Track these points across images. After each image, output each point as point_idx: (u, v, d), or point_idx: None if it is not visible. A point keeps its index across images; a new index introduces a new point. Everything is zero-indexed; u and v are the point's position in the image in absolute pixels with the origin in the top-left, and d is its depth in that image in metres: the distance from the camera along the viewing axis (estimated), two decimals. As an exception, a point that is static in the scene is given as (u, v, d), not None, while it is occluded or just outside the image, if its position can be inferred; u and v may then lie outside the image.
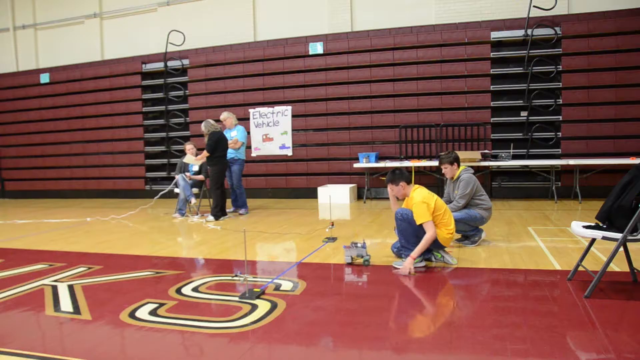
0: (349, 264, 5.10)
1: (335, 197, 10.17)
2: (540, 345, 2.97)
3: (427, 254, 4.90)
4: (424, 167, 10.41)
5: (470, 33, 10.62)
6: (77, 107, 14.26)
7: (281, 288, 4.36)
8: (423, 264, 4.85)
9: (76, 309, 4.00)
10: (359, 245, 5.08)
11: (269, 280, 4.62)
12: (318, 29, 11.98)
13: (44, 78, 14.71)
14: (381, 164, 10.51)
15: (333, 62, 11.61)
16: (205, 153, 8.62)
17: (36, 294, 4.45)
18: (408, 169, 9.96)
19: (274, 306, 3.86)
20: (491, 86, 10.60)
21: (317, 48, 11.66)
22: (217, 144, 8.61)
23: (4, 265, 5.74)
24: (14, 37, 15.61)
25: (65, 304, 4.15)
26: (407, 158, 10.91)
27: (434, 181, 10.36)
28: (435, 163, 9.83)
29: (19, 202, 13.97)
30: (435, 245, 4.87)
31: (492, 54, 10.57)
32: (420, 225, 4.73)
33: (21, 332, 3.60)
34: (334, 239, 6.45)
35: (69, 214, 10.62)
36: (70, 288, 4.60)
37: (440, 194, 5.25)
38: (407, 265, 4.63)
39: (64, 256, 6.11)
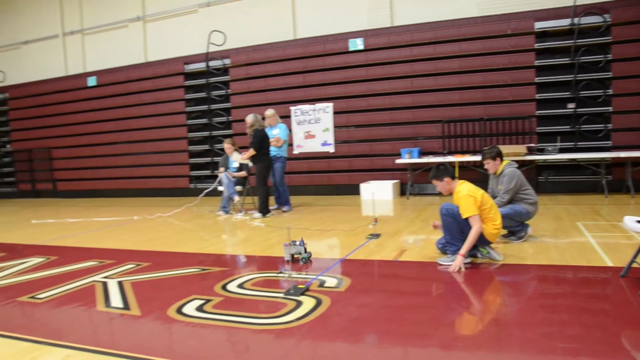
0: (289, 262, 5.11)
1: (378, 193, 10.12)
2: (592, 344, 2.88)
3: (472, 249, 4.82)
4: (468, 162, 10.24)
5: (513, 24, 10.38)
6: (122, 109, 14.62)
7: (325, 284, 4.37)
8: (469, 260, 4.77)
9: (126, 305, 4.10)
10: (297, 243, 5.23)
11: (314, 276, 4.64)
12: (358, 25, 11.92)
13: (91, 81, 15.14)
14: (424, 160, 10.40)
15: (373, 57, 11.53)
16: (251, 151, 8.70)
17: (88, 290, 4.59)
18: (451, 164, 9.83)
19: (318, 303, 3.87)
20: (536, 78, 10.32)
21: (357, 44, 11.61)
22: (262, 141, 8.69)
23: (58, 262, 5.94)
24: (63, 42, 16.12)
25: (116, 299, 4.27)
26: (451, 153, 10.76)
27: (478, 176, 10.17)
28: (479, 158, 9.65)
29: (70, 202, 14.42)
30: (481, 241, 4.79)
31: (536, 44, 10.30)
32: (466, 220, 4.66)
33: (74, 326, 3.72)
34: (377, 236, 6.42)
35: (116, 212, 10.90)
36: (120, 284, 4.72)
37: (484, 189, 5.16)
38: (456, 263, 4.56)
39: (113, 253, 6.28)
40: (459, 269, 4.54)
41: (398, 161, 10.73)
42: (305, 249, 5.28)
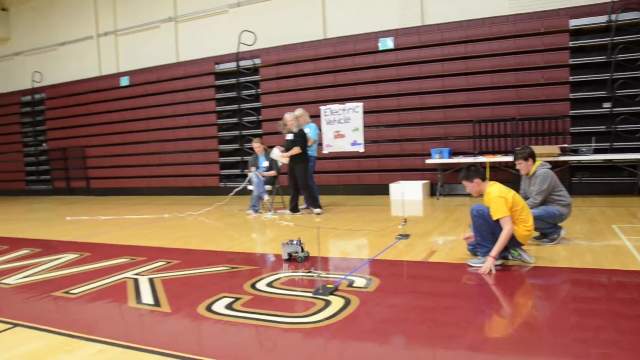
0: (287, 260, 5.35)
1: (407, 193, 10.05)
2: (628, 350, 2.80)
3: (503, 251, 4.74)
4: (499, 163, 10.09)
5: (547, 22, 10.18)
6: (154, 108, 14.82)
7: (354, 284, 4.35)
8: (500, 262, 4.70)
9: (156, 302, 4.16)
10: (294, 242, 5.35)
11: (343, 276, 4.63)
12: (388, 24, 11.85)
13: (124, 81, 15.39)
14: (454, 160, 10.29)
15: (404, 57, 11.45)
16: (297, 149, 8.76)
17: (119, 286, 4.67)
18: (482, 164, 9.72)
19: (347, 302, 3.86)
20: (570, 77, 10.10)
21: (388, 43, 11.55)
22: (304, 141, 8.80)
23: (91, 258, 6.06)
24: (97, 43, 16.44)
25: (146, 296, 4.34)
26: (482, 153, 10.61)
27: (509, 177, 10.01)
28: (511, 158, 9.51)
29: (102, 199, 14.69)
30: (513, 243, 4.71)
31: (570, 42, 10.08)
32: (497, 221, 4.59)
33: (106, 321, 3.80)
34: (407, 236, 6.37)
35: (147, 210, 11.06)
36: (151, 281, 4.79)
37: (516, 190, 5.07)
38: (487, 265, 4.50)
39: (144, 251, 6.38)
40: (490, 271, 4.48)
41: (428, 161, 10.64)
42: (302, 248, 5.36)
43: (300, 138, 8.78)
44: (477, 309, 3.82)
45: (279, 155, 9.01)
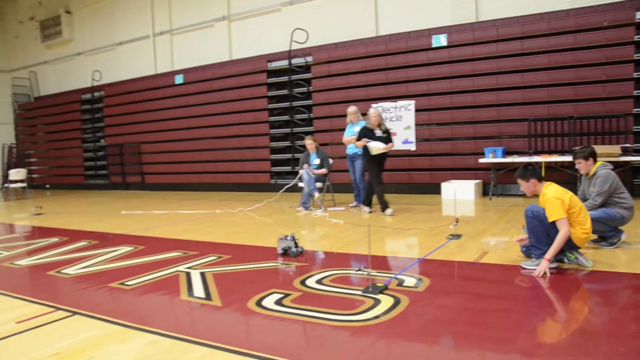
0: (282, 255, 5.63)
1: (459, 193, 9.87)
2: (694, 362, 2.66)
3: (559, 254, 4.59)
4: (555, 163, 9.77)
5: (610, 16, 9.76)
6: (207, 106, 15.09)
7: (404, 284, 4.30)
8: (555, 264, 4.55)
9: (207, 295, 4.23)
10: (288, 238, 5.66)
11: (392, 275, 4.58)
12: (441, 21, 11.67)
13: (178, 79, 15.73)
14: (508, 159, 10.03)
15: (457, 54, 11.24)
16: (392, 144, 8.84)
17: (172, 280, 4.78)
18: (537, 164, 9.43)
19: (396, 302, 3.81)
20: (634, 73, 9.66)
21: (441, 40, 11.36)
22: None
23: (145, 251, 6.22)
24: (154, 43, 16.88)
25: (198, 290, 4.41)
26: (537, 153, 10.30)
27: (566, 177, 9.69)
28: (567, 158, 9.21)
29: (156, 194, 15.06)
30: (569, 246, 4.54)
31: (636, 37, 9.64)
32: (552, 223, 4.44)
33: (159, 313, 3.89)
34: (458, 236, 6.25)
35: (200, 206, 11.26)
36: (202, 275, 4.87)
37: (573, 191, 4.89)
38: (541, 268, 4.36)
39: (196, 245, 6.49)
40: (544, 274, 4.33)
41: (481, 160, 10.41)
42: (296, 244, 5.64)
43: (388, 134, 8.82)
44: (530, 313, 3.70)
45: (379, 146, 8.77)
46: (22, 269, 5.72)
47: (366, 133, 8.71)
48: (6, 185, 16.65)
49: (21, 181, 16.21)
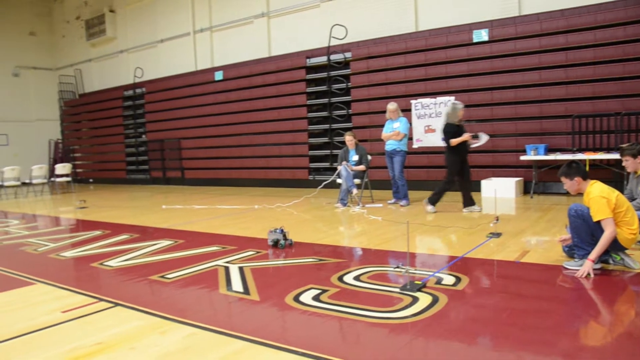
0: (272, 246, 5.92)
1: (500, 190, 9.70)
2: None
3: (604, 255, 4.45)
4: (601, 161, 9.49)
5: (660, 9, 9.43)
6: (246, 102, 15.21)
7: (443, 282, 4.25)
8: (599, 265, 4.42)
9: (246, 290, 4.27)
10: (277, 231, 5.96)
11: (431, 273, 4.54)
12: (482, 15, 11.46)
13: (218, 75, 15.91)
14: (551, 157, 9.79)
15: (499, 49, 11.02)
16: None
17: (211, 273, 4.85)
18: (582, 161, 9.16)
19: (435, 300, 3.77)
20: (687, 68, 9.31)
21: (482, 35, 11.17)
22: None
23: (185, 245, 6.33)
24: (194, 40, 17.12)
25: (236, 284, 4.46)
26: (581, 150, 10.02)
27: (612, 176, 9.40)
28: (613, 156, 8.94)
29: (196, 189, 15.29)
30: (615, 247, 4.40)
31: (688, 31, 9.28)
32: (597, 223, 4.31)
33: (198, 306, 3.95)
34: (498, 235, 6.14)
35: (238, 201, 11.37)
36: (241, 270, 4.92)
37: (619, 190, 4.73)
38: (585, 268, 4.24)
39: (234, 240, 6.57)
40: (587, 275, 4.22)
41: (522, 157, 10.19)
42: (284, 236, 5.95)
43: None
44: (572, 314, 3.61)
45: (485, 140, 8.74)
46: (67, 261, 5.89)
47: (455, 130, 8.52)
48: (52, 179, 17.17)
49: (66, 175, 16.74)
